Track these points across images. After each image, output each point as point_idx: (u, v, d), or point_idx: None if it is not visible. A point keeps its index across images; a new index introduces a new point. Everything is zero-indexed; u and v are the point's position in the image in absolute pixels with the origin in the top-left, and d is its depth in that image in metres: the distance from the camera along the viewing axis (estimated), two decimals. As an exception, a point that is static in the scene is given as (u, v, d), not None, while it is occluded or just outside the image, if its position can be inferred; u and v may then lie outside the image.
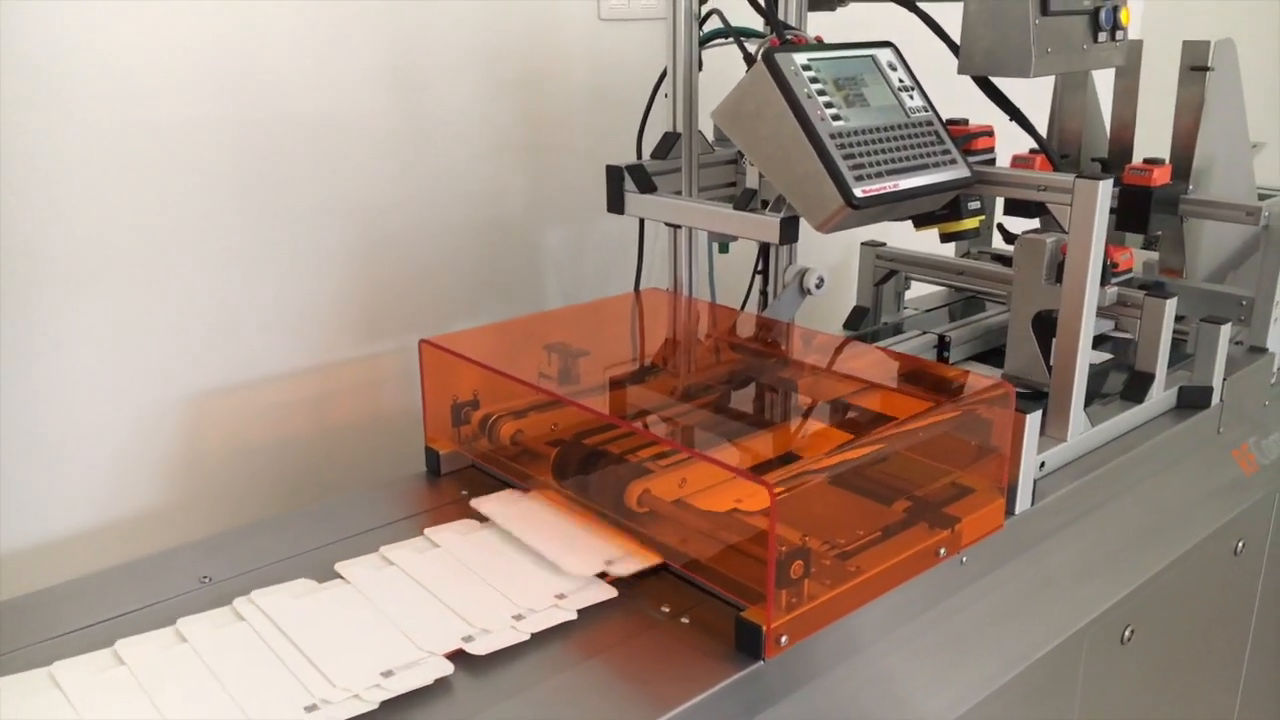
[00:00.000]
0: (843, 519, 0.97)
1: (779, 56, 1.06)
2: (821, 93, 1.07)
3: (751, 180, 1.13)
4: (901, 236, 1.46)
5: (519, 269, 1.65)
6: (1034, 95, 1.66)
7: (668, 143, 1.30)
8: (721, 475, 1.01)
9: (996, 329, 1.50)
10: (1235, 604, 1.61)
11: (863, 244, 1.59)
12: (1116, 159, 1.55)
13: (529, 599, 0.92)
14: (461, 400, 1.16)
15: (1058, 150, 1.62)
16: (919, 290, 1.71)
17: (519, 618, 0.90)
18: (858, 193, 1.03)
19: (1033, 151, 1.52)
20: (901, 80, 1.17)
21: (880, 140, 1.09)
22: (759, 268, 1.47)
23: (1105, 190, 1.09)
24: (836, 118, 1.07)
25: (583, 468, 1.03)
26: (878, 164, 1.07)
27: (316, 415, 1.47)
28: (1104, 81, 1.61)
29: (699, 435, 1.10)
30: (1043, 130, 1.62)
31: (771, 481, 0.81)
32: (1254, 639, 1.70)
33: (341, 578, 0.96)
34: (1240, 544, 1.52)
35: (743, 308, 1.48)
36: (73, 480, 1.23)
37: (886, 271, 1.58)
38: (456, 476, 1.17)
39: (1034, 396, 1.23)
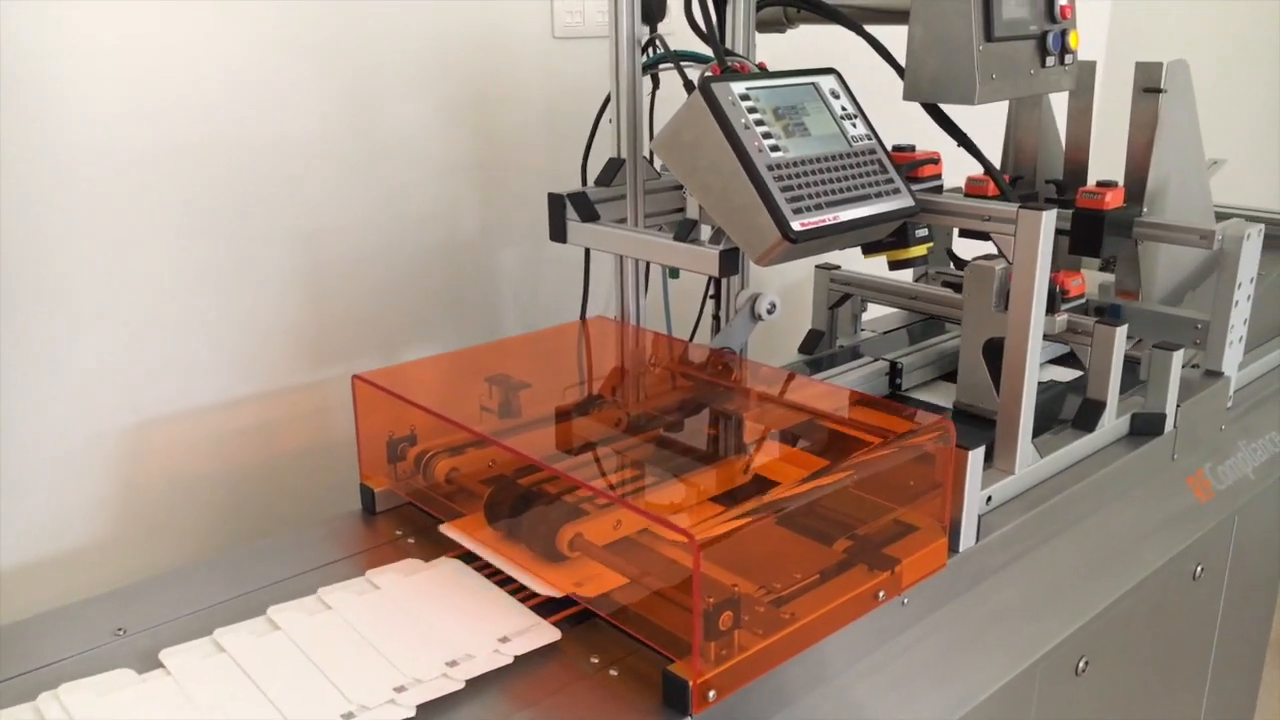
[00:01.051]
0: (779, 562, 0.95)
1: (715, 86, 1.04)
2: (760, 122, 1.05)
3: (692, 211, 1.11)
4: (858, 258, 1.44)
5: (474, 292, 1.63)
6: (991, 116, 1.66)
7: (612, 169, 1.27)
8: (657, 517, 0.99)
9: (951, 353, 1.49)
10: (1195, 629, 1.60)
11: (817, 267, 1.57)
12: (1071, 181, 1.53)
13: (470, 643, 0.89)
14: (398, 436, 1.14)
15: (1013, 171, 1.60)
16: (878, 311, 1.69)
17: (453, 664, 0.87)
18: (796, 226, 1.01)
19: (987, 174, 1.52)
20: (844, 108, 1.15)
21: (821, 171, 1.07)
22: (711, 293, 1.45)
23: (1049, 220, 1.07)
24: (775, 148, 1.05)
25: (514, 509, 1.01)
26: (818, 195, 1.05)
27: (262, 444, 1.44)
28: (1061, 101, 1.60)
29: (632, 475, 1.07)
30: (999, 150, 1.62)
31: (695, 532, 0.78)
32: (1215, 663, 1.68)
33: (274, 624, 0.93)
34: (1199, 569, 1.51)
35: (693, 334, 1.46)
36: (6, 516, 1.19)
37: (841, 295, 1.56)
38: (393, 514, 1.15)
39: (987, 424, 1.21)
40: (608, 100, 1.28)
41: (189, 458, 1.36)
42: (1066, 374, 1.51)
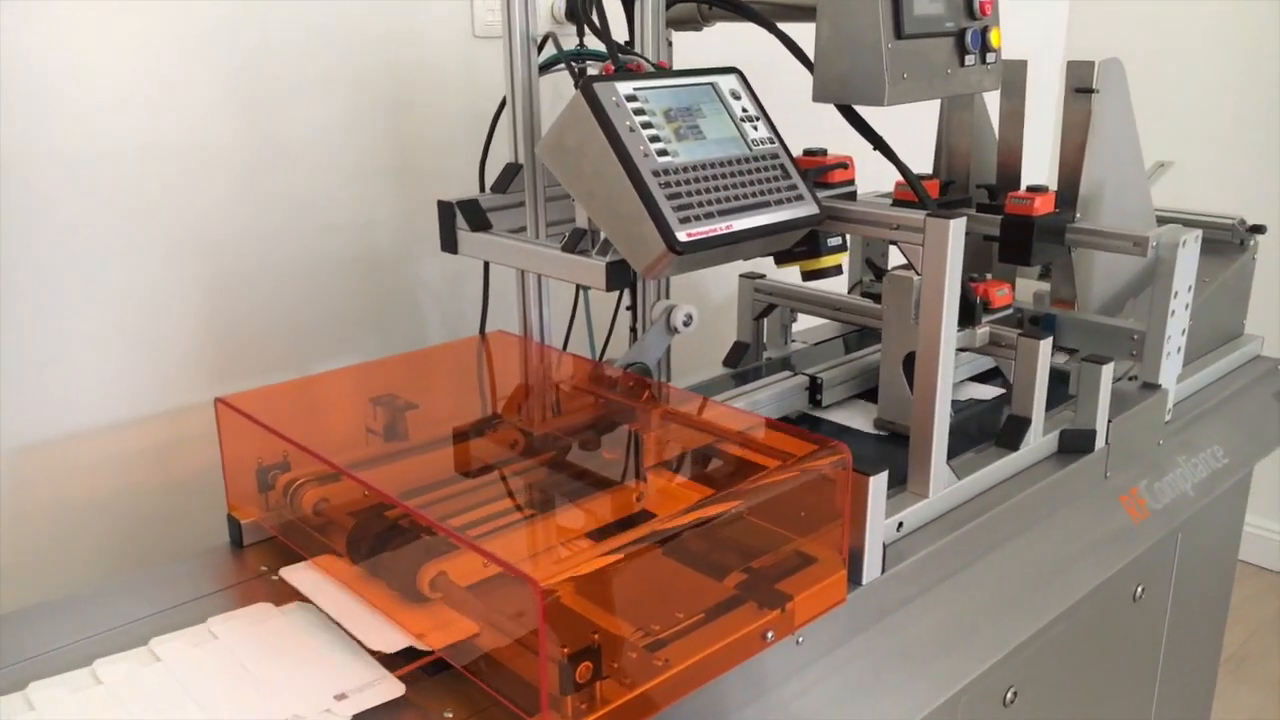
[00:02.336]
0: (662, 600, 0.88)
1: (598, 86, 0.97)
2: (647, 125, 0.98)
3: (581, 219, 1.04)
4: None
5: (393, 303, 1.56)
6: (927, 118, 1.59)
7: (508, 175, 1.20)
8: (534, 551, 0.92)
9: (876, 368, 1.42)
10: (1137, 651, 1.54)
11: (741, 276, 1.50)
12: (1004, 186, 1.47)
13: (302, 702, 0.81)
14: (269, 463, 1.06)
15: (945, 176, 1.54)
16: (813, 321, 1.62)
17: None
18: (682, 236, 0.94)
19: (920, 178, 1.45)
20: (745, 110, 1.08)
21: (715, 177, 1.00)
22: (628, 304, 1.38)
23: (958, 228, 1.01)
24: (663, 153, 0.98)
25: (376, 545, 0.93)
26: (709, 203, 0.98)
27: (159, 466, 1.36)
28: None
29: (510, 505, 1.00)
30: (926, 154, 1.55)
31: (545, 574, 0.71)
32: (1162, 682, 1.63)
33: (97, 679, 0.85)
34: (1139, 589, 1.45)
35: (604, 348, 1.38)
36: None
37: (766, 304, 1.49)
38: (263, 548, 1.07)
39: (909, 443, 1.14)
40: (504, 103, 1.20)
41: (77, 483, 1.28)
42: (989, 391, 1.44)
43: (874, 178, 1.47)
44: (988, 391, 1.43)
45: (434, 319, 1.64)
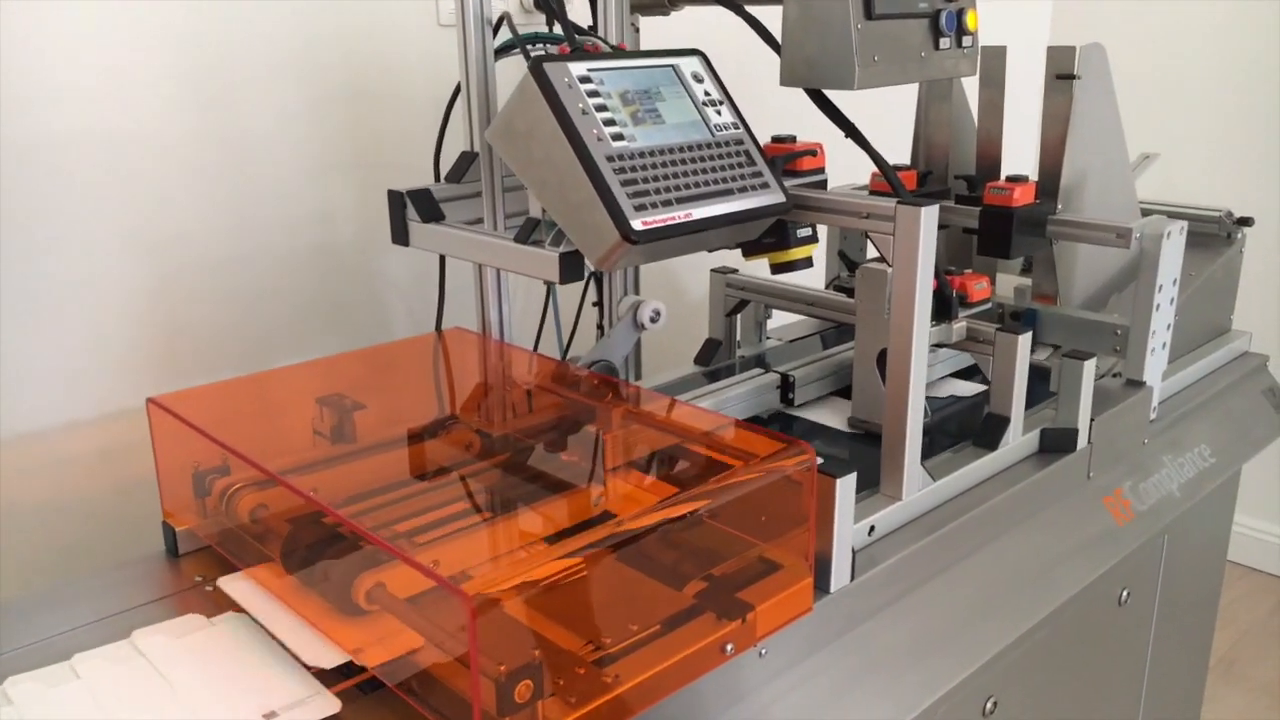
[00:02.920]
0: (616, 611, 0.82)
1: (549, 67, 0.91)
2: (602, 108, 0.93)
3: (535, 209, 0.98)
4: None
5: (357, 299, 1.51)
6: (907, 106, 1.55)
7: (463, 164, 1.15)
8: (479, 559, 0.87)
9: (850, 365, 1.37)
10: (1123, 657, 1.49)
11: (713, 271, 1.45)
12: (984, 177, 1.42)
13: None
14: (206, 467, 1.00)
15: (923, 167, 1.49)
16: (789, 318, 1.57)
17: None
18: (637, 225, 0.89)
19: (896, 168, 1.40)
20: (708, 93, 1.02)
21: (674, 163, 0.95)
22: (595, 299, 1.33)
23: (929, 217, 0.95)
24: (619, 137, 0.92)
25: (313, 554, 0.87)
26: (667, 190, 0.93)
27: (106, 470, 1.31)
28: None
29: (458, 511, 0.94)
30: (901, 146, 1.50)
31: (474, 589, 0.65)
32: (1149, 687, 1.58)
33: (7, 699, 0.80)
34: (1125, 593, 1.40)
35: (569, 344, 1.33)
36: None
37: (738, 300, 1.44)
38: (200, 557, 1.01)
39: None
40: (459, 89, 1.15)
41: (15, 488, 1.23)
42: (971, 388, 1.39)
43: (850, 171, 1.42)
44: (969, 388, 1.38)
45: (399, 316, 1.59)
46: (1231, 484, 1.66)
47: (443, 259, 1.24)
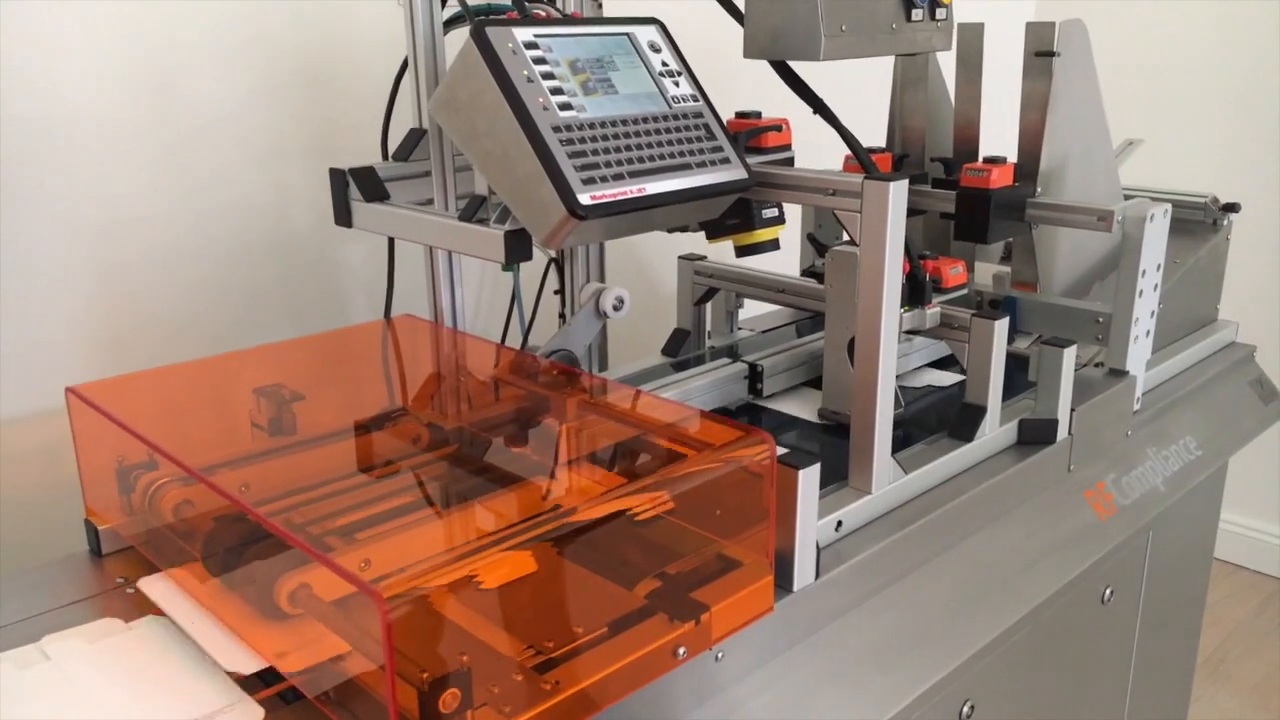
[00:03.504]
0: (556, 612, 0.77)
1: (492, 32, 0.86)
2: (549, 76, 0.87)
3: (481, 185, 0.93)
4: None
5: (314, 288, 1.45)
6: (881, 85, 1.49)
7: (411, 141, 1.09)
8: (415, 557, 0.80)
9: (821, 354, 1.31)
10: (1107, 657, 1.44)
11: (680, 258, 1.40)
12: (961, 160, 1.36)
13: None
14: (131, 462, 0.94)
15: (899, 149, 1.43)
16: (764, 308, 1.51)
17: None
18: (585, 199, 0.83)
19: (871, 151, 1.35)
20: (665, 64, 0.97)
21: (627, 135, 0.89)
22: (556, 287, 1.27)
23: (898, 192, 0.90)
24: (566, 107, 0.87)
25: (236, 554, 0.81)
26: (619, 163, 0.87)
27: (47, 466, 1.24)
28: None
29: (388, 509, 0.88)
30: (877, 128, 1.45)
31: (391, 589, 0.60)
32: (1133, 691, 1.53)
33: (-101, 709, 0.74)
34: (1108, 591, 1.35)
35: (528, 333, 1.27)
36: None
37: (707, 288, 1.38)
38: (125, 556, 0.95)
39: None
40: (404, 66, 1.09)
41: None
42: (947, 378, 1.34)
43: (821, 155, 1.37)
44: (947, 378, 1.32)
45: (359, 304, 1.53)
46: (1218, 478, 1.61)
47: (392, 242, 1.18)
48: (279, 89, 1.36)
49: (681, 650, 0.77)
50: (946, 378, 1.33)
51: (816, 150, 1.21)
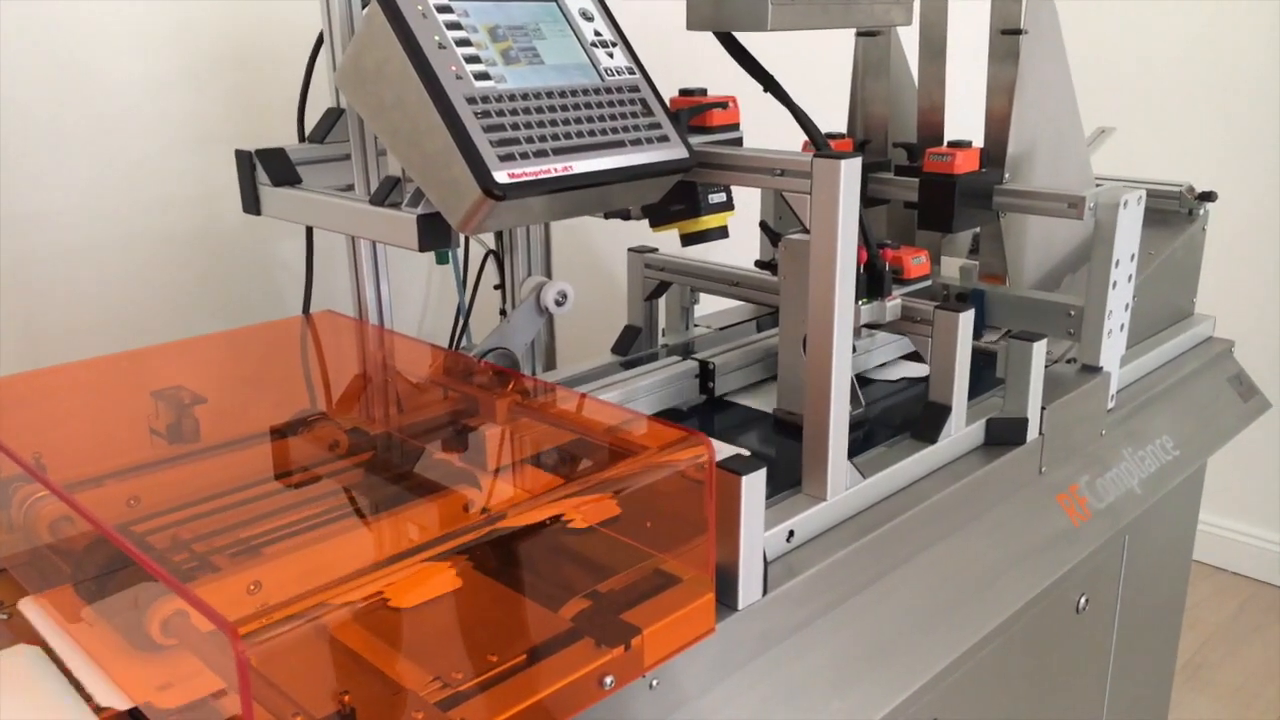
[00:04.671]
0: (467, 638, 0.68)
1: (399, -8, 0.77)
2: (464, 42, 0.79)
3: (394, 166, 0.84)
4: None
5: (247, 285, 1.36)
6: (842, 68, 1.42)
7: (327, 122, 1.01)
8: (311, 578, 0.72)
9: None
10: (1083, 668, 1.37)
11: (630, 250, 1.32)
12: (925, 145, 1.29)
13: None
14: (9, 474, 0.84)
15: (861, 135, 1.36)
16: (721, 304, 1.43)
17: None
18: (502, 177, 0.75)
19: (828, 137, 1.27)
20: (599, 33, 0.89)
21: (553, 109, 0.81)
22: (496, 281, 1.19)
23: (850, 170, 0.82)
24: (484, 76, 0.78)
25: (110, 578, 0.73)
26: (542, 139, 0.79)
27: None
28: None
29: (283, 524, 0.80)
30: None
31: (236, 622, 0.51)
32: (1110, 701, 1.46)
33: None
34: (1083, 599, 1.28)
35: (462, 329, 1.19)
36: None
37: (659, 282, 1.30)
38: (4, 577, 0.86)
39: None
40: (320, 42, 1.01)
41: None
42: (914, 369, 1.27)
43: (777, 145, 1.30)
44: (922, 370, 1.24)
45: (293, 301, 1.44)
46: (1196, 478, 1.55)
47: (310, 232, 1.10)
48: (202, 74, 1.27)
49: (609, 680, 0.69)
50: (923, 370, 1.24)
51: (776, 140, 1.13)
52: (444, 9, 0.79)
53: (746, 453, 0.78)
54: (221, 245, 1.34)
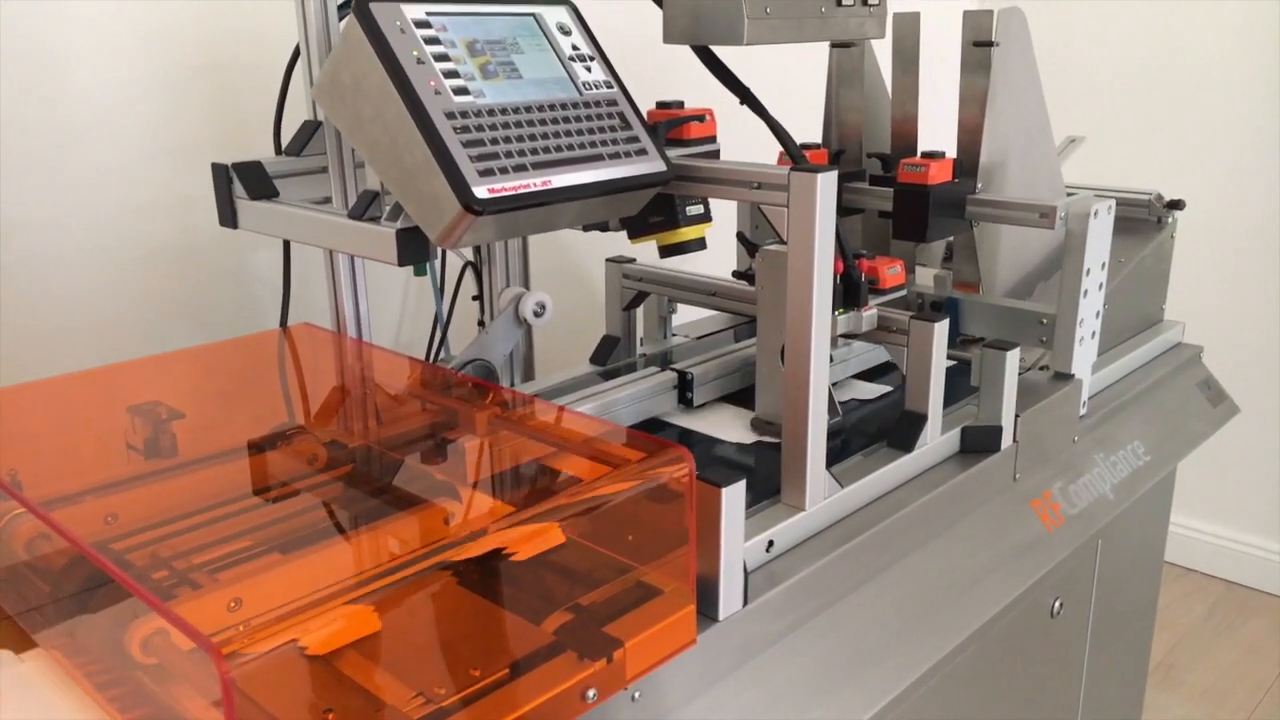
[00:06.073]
0: (450, 653, 0.69)
1: (377, 8, 0.78)
2: (443, 57, 0.79)
3: (373, 180, 0.84)
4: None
5: (220, 296, 1.35)
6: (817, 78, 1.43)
7: (305, 134, 1.00)
8: (290, 594, 0.72)
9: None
10: (1057, 670, 1.38)
11: (608, 261, 1.32)
12: (899, 155, 1.31)
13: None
14: (-18, 490, 0.84)
15: (836, 145, 1.38)
16: (699, 314, 1.44)
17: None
18: (481, 192, 0.75)
19: (804, 148, 1.29)
20: (576, 48, 0.89)
21: (532, 123, 0.82)
22: (475, 292, 1.19)
23: (827, 184, 0.83)
24: (463, 91, 0.79)
25: (90, 596, 0.72)
26: (521, 154, 0.79)
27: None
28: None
29: (263, 540, 0.79)
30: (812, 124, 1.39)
31: (219, 642, 0.51)
32: (1086, 699, 1.48)
33: None
34: (1057, 603, 1.29)
35: (439, 342, 1.19)
36: None
37: (637, 292, 1.31)
38: (-19, 595, 0.85)
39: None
40: (297, 53, 1.01)
41: None
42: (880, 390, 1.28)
43: (755, 157, 1.30)
44: (871, 390, 1.25)
45: (271, 312, 1.43)
46: (1167, 482, 1.57)
47: (287, 244, 1.09)
48: (176, 80, 1.27)
49: (592, 693, 0.69)
50: (872, 389, 1.25)
51: (751, 150, 1.14)
52: (422, 24, 0.79)
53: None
54: (195, 255, 1.33)
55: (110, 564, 0.63)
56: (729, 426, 1.13)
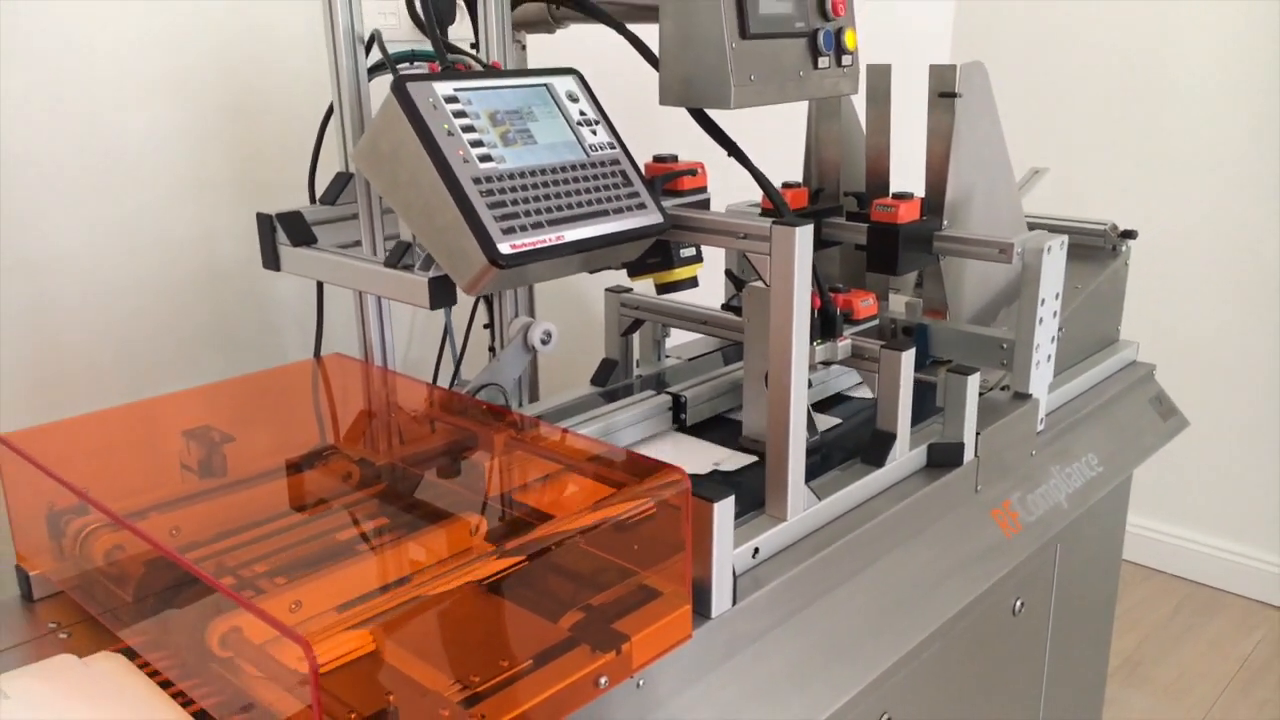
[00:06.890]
0: (481, 646, 0.80)
1: (413, 87, 0.89)
2: (469, 129, 0.91)
3: (406, 232, 0.96)
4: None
5: (247, 323, 1.46)
6: (797, 122, 1.55)
7: (337, 185, 1.12)
8: (343, 597, 0.83)
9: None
10: (1021, 664, 1.51)
11: (607, 290, 1.44)
12: (874, 194, 1.43)
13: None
14: (61, 507, 0.95)
15: (815, 184, 1.50)
16: (690, 336, 1.56)
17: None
18: (505, 248, 0.87)
19: (785, 186, 1.41)
20: (583, 113, 1.01)
21: (546, 184, 0.93)
22: (486, 321, 1.30)
23: (804, 237, 0.95)
24: (487, 158, 0.90)
25: (167, 598, 0.83)
26: (538, 212, 0.91)
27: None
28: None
29: (317, 550, 0.91)
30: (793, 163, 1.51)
31: (308, 636, 0.62)
32: (1047, 696, 1.60)
33: None
34: (1019, 602, 1.42)
35: (457, 368, 1.30)
36: None
37: (633, 319, 1.42)
38: (57, 602, 0.96)
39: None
40: (330, 111, 1.12)
41: None
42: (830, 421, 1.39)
43: (746, 190, 1.42)
44: (826, 421, 1.36)
45: (293, 341, 1.54)
46: (1123, 490, 1.70)
47: (320, 285, 1.21)
48: (204, 121, 1.38)
49: (603, 680, 0.81)
50: (826, 421, 1.35)
51: (726, 177, 1.25)
52: (451, 99, 0.91)
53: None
54: (222, 284, 1.44)
55: (197, 569, 0.75)
56: (721, 444, 1.24)
